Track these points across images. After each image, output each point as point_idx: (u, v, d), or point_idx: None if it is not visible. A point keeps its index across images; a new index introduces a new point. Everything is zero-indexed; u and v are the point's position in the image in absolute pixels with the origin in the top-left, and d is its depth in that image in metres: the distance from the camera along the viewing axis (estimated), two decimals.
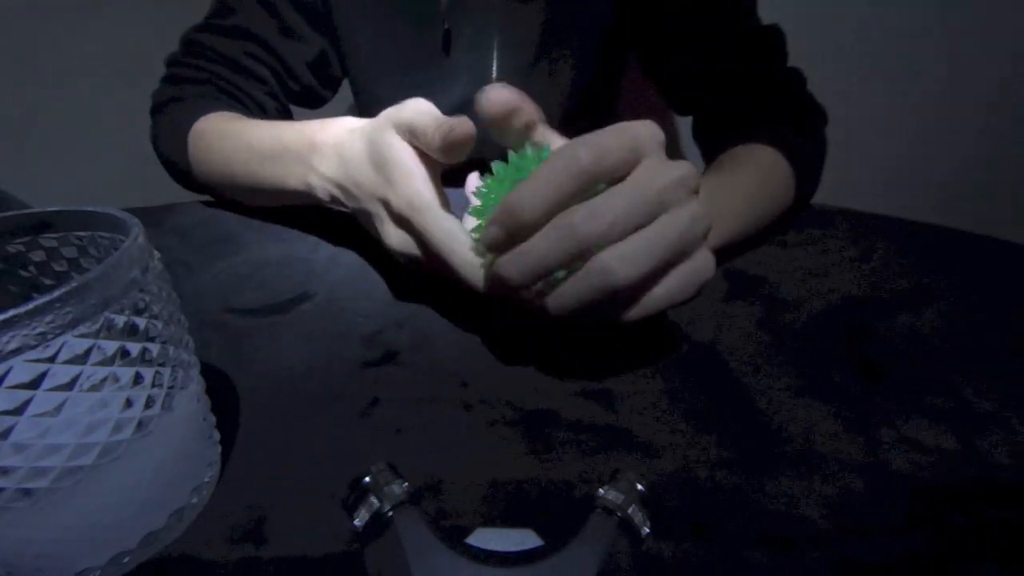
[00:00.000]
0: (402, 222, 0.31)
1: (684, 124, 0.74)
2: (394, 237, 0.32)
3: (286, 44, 0.55)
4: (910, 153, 1.14)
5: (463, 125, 0.28)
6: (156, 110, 0.54)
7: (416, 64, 0.59)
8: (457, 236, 0.29)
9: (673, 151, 1.16)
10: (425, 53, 0.58)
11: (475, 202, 0.30)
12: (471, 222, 0.31)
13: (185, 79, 0.53)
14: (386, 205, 0.31)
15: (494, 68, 0.59)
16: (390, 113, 0.31)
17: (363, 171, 0.32)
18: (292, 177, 0.38)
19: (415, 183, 0.30)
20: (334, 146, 0.35)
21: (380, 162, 0.31)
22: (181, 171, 0.51)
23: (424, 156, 0.31)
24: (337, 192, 0.35)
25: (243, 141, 0.44)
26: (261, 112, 0.55)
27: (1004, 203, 1.11)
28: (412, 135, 0.30)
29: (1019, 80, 1.04)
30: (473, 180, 0.41)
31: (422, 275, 0.34)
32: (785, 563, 0.21)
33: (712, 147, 0.53)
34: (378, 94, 0.63)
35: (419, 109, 0.30)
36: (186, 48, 0.54)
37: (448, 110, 0.63)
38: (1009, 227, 0.58)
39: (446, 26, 0.56)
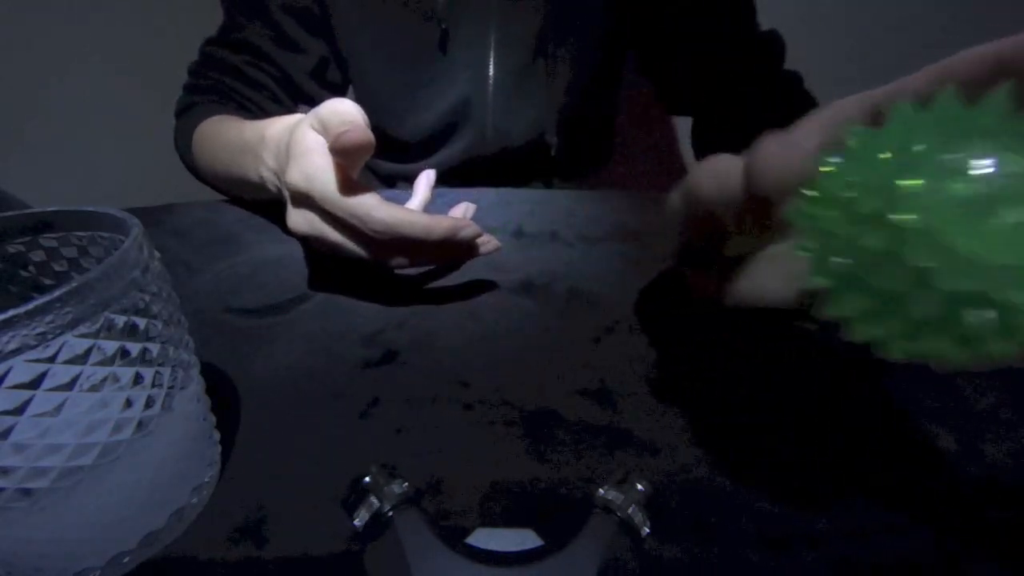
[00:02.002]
0: (301, 199, 0.32)
1: (682, 127, 0.74)
2: (295, 217, 0.33)
3: (287, 56, 0.58)
4: None
5: (356, 132, 0.28)
6: (176, 116, 0.58)
7: (415, 64, 0.59)
8: (359, 197, 0.29)
9: (671, 153, 1.15)
10: (423, 53, 0.58)
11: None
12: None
13: (199, 88, 0.57)
14: (287, 185, 0.32)
15: (491, 66, 0.59)
16: (315, 108, 0.32)
17: (282, 161, 0.33)
18: (251, 171, 0.40)
19: (313, 158, 0.30)
20: (276, 140, 0.36)
21: (289, 147, 0.32)
22: (193, 170, 0.56)
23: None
24: (277, 183, 0.36)
25: (222, 139, 0.47)
26: (265, 117, 0.57)
27: None
28: (323, 131, 0.31)
29: None
30: (427, 178, 0.41)
31: (339, 259, 0.34)
32: (785, 563, 0.21)
33: (715, 151, 0.52)
34: (378, 95, 0.63)
35: (334, 108, 0.30)
36: (201, 59, 0.58)
37: (447, 109, 0.64)
38: None
39: (443, 26, 0.56)
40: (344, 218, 0.30)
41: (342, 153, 0.29)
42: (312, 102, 0.62)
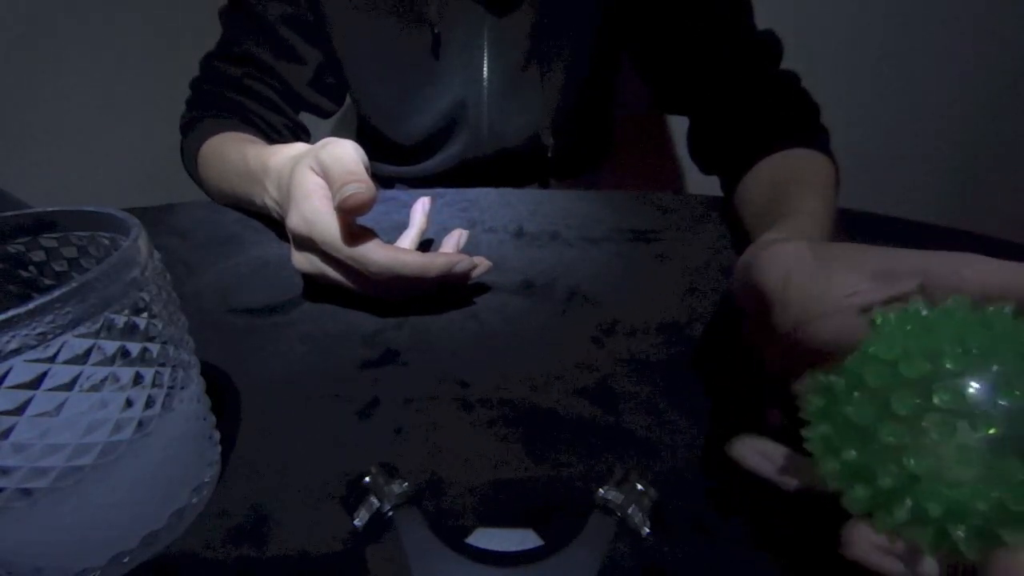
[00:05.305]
0: (303, 242, 0.33)
1: (678, 126, 0.74)
2: (298, 258, 0.34)
3: (286, 67, 0.58)
4: (910, 153, 1.14)
5: (361, 195, 0.29)
6: (182, 132, 0.58)
7: (409, 68, 0.60)
8: (359, 242, 0.31)
9: (666, 156, 1.15)
10: (416, 57, 0.59)
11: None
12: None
13: (202, 103, 0.57)
14: (288, 229, 0.34)
15: (485, 69, 0.59)
16: (316, 147, 0.33)
17: (283, 196, 0.35)
18: (255, 195, 0.42)
19: (313, 202, 0.32)
20: (277, 171, 0.37)
21: (290, 189, 0.33)
22: (201, 187, 0.56)
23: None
24: (280, 211, 0.38)
25: (227, 162, 0.48)
26: (269, 128, 0.58)
27: (1004, 203, 1.11)
28: (324, 175, 0.32)
29: (1020, 78, 1.05)
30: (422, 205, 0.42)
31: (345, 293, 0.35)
32: (785, 563, 0.21)
33: (718, 156, 0.52)
34: (375, 99, 0.64)
35: (337, 155, 0.31)
36: (201, 73, 0.58)
37: (442, 112, 0.64)
38: (1009, 227, 0.58)
39: (435, 30, 0.56)
40: (344, 261, 0.32)
41: (348, 212, 0.30)
42: (313, 109, 0.63)
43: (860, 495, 0.16)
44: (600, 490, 0.19)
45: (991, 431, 0.14)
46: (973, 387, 0.15)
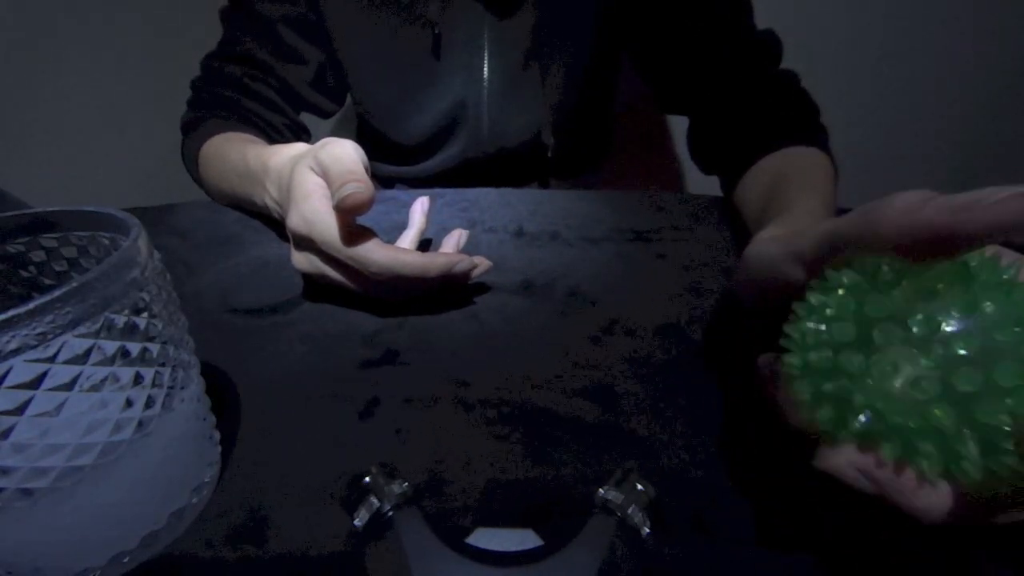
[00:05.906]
0: (303, 242, 0.33)
1: (678, 126, 0.74)
2: (298, 258, 0.34)
3: (287, 68, 0.58)
4: (910, 153, 1.14)
5: (359, 195, 0.29)
6: (182, 132, 0.58)
7: (410, 68, 0.60)
8: (358, 242, 0.31)
9: (666, 155, 1.15)
10: (417, 57, 0.59)
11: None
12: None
13: (202, 103, 0.57)
14: (288, 229, 0.34)
15: (485, 69, 0.60)
16: (315, 147, 0.33)
17: (283, 196, 0.35)
18: (255, 196, 0.42)
19: (312, 203, 0.32)
20: (277, 171, 0.37)
21: (290, 189, 0.33)
22: (202, 187, 0.56)
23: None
24: (280, 211, 0.38)
25: (227, 162, 0.48)
26: (270, 128, 0.58)
27: None
28: (323, 176, 0.32)
29: (1020, 78, 1.04)
30: (421, 204, 0.41)
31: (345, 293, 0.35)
32: (785, 563, 0.21)
33: (718, 155, 0.52)
34: (376, 99, 0.64)
35: (336, 155, 0.31)
36: (202, 73, 0.58)
37: (443, 112, 0.64)
38: None
39: (436, 30, 0.56)
40: (344, 261, 0.32)
41: (346, 212, 0.30)
42: (313, 109, 0.63)
43: (813, 359, 0.17)
44: (600, 490, 0.19)
45: (965, 388, 0.14)
46: (981, 344, 0.14)
